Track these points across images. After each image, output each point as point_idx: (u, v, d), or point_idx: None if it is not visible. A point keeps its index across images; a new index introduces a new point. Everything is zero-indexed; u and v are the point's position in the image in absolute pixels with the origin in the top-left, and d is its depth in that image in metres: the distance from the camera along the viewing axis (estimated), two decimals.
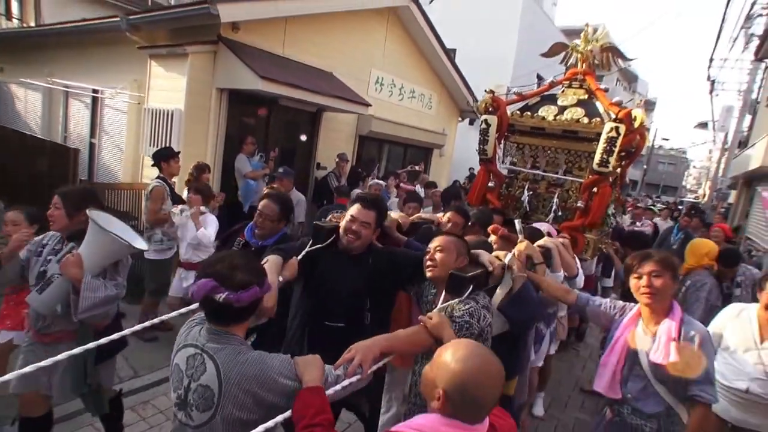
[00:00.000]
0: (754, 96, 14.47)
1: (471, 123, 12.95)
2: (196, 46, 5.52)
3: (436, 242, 2.14)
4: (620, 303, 2.41)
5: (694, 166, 54.08)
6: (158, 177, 4.42)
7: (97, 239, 2.19)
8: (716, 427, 2.64)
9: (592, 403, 4.16)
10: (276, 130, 6.72)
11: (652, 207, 12.08)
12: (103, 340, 1.72)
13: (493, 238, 2.78)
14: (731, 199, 14.38)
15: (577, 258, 3.27)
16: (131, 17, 5.85)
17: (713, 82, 16.10)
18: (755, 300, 2.75)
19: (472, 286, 1.98)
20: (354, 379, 1.53)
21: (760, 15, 12.76)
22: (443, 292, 2.03)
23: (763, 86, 12.38)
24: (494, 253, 2.32)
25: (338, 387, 1.49)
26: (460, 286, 1.97)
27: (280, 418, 1.36)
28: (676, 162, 50.20)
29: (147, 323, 1.89)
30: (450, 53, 9.58)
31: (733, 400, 2.63)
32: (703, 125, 18.07)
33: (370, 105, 7.19)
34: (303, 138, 6.82)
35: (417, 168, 8.98)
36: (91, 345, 1.71)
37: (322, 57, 7.03)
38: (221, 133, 5.95)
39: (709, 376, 2.02)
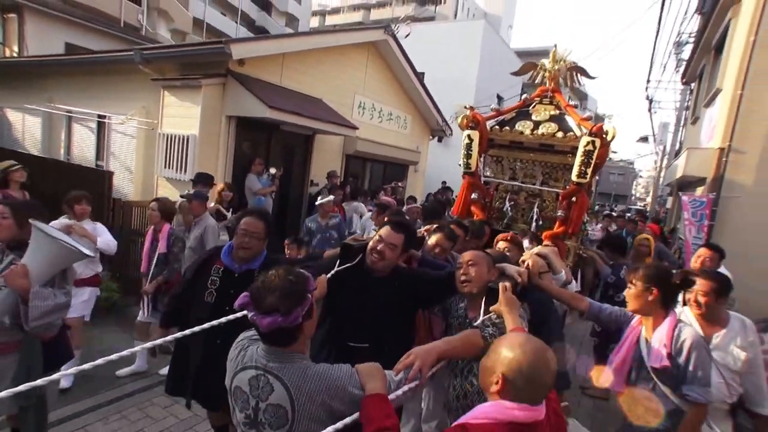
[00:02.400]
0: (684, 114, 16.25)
1: (439, 140, 14.05)
2: (209, 79, 6.20)
3: (467, 257, 2.20)
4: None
5: (641, 176, 57.47)
6: None
7: (44, 247, 2.20)
8: None
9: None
10: (276, 152, 7.46)
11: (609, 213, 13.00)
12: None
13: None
14: (669, 204, 16.03)
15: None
16: (146, 52, 6.47)
17: (651, 101, 17.87)
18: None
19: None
20: (413, 384, 1.53)
21: (687, 42, 14.54)
22: (482, 305, 2.08)
23: (689, 106, 14.06)
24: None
25: (399, 392, 1.50)
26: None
27: (348, 419, 1.38)
28: (625, 172, 53.42)
29: (158, 341, 1.89)
30: (421, 78, 10.59)
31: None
32: (644, 139, 19.79)
33: (358, 128, 8.06)
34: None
35: (400, 185, 9.94)
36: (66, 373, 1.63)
37: (313, 86, 7.88)
38: (230, 156, 6.65)
39: (698, 377, 2.07)
